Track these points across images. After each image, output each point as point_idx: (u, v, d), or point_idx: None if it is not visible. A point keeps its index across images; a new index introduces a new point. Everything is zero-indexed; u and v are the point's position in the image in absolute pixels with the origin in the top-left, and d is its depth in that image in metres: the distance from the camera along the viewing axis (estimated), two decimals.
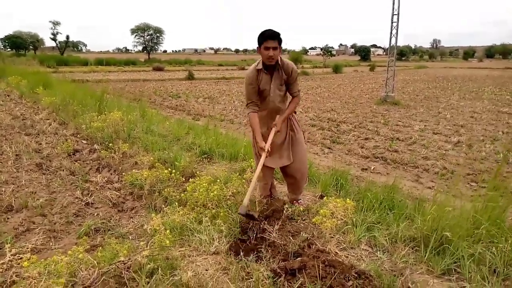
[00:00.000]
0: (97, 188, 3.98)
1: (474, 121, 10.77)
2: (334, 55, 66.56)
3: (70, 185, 4.09)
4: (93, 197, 3.73)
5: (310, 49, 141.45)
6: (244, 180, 3.50)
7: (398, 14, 15.43)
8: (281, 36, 2.91)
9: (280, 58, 2.99)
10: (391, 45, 16.22)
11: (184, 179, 3.88)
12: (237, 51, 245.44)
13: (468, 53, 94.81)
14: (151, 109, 9.72)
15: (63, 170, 4.47)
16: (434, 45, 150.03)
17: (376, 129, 9.48)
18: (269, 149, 2.95)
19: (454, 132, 9.13)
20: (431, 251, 2.64)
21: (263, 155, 2.95)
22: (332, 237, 2.82)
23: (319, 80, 29.00)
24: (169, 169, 3.92)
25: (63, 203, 3.54)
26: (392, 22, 15.68)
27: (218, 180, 3.40)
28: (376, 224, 3.01)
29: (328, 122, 10.60)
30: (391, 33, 15.90)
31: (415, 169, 6.08)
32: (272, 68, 3.01)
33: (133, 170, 4.21)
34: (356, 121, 10.77)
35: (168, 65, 48.40)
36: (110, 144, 5.06)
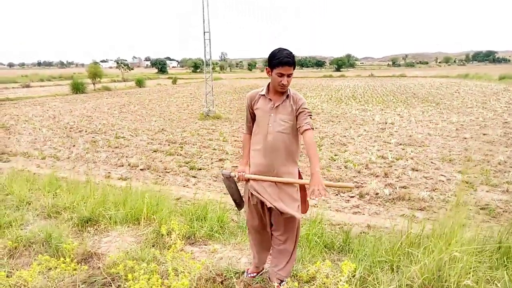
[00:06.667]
0: None
1: None
2: (132, 69, 64.36)
3: None
4: None
5: (101, 61, 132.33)
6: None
7: (210, 31, 16.16)
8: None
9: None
10: (207, 61, 16.84)
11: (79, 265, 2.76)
12: (11, 65, 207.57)
13: (252, 65, 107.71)
14: None
15: None
16: (222, 57, 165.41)
17: (221, 147, 9.55)
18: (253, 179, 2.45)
19: None
20: None
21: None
22: None
23: (126, 96, 27.45)
24: (54, 255, 2.73)
25: None
26: (205, 40, 16.28)
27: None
28: None
29: (170, 145, 10.03)
30: (205, 50, 16.50)
31: None
32: (279, 96, 2.44)
33: None
34: (197, 140, 10.61)
35: None
36: None
